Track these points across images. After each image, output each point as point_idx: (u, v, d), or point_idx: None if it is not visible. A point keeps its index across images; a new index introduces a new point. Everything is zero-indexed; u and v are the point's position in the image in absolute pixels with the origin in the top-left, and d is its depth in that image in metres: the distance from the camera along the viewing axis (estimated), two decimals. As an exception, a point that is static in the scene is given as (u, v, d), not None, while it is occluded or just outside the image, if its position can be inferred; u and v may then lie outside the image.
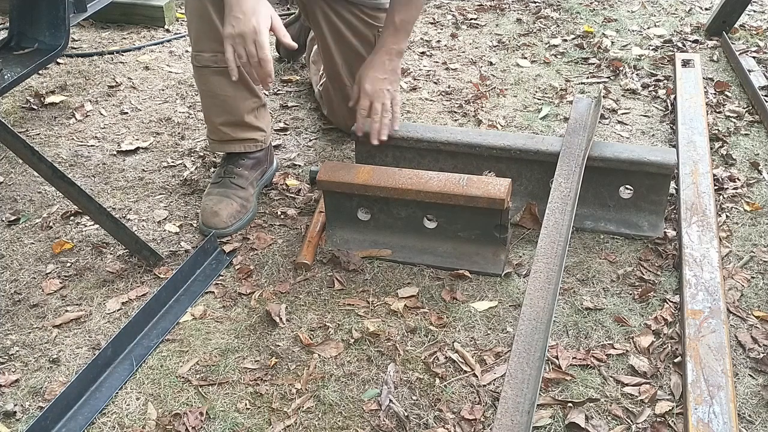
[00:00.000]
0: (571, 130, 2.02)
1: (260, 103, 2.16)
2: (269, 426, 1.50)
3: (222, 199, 2.08)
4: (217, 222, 2.04)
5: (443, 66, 3.03)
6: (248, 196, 2.13)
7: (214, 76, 2.06)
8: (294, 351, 1.68)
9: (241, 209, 2.09)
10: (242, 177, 2.14)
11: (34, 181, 2.31)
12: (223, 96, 2.08)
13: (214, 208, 2.06)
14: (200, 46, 2.04)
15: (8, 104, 2.76)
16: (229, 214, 2.06)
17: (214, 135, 2.17)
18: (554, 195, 1.82)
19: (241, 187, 2.12)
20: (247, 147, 2.16)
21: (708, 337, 1.59)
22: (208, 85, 2.09)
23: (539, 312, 1.53)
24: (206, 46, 2.02)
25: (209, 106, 2.13)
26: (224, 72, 1.93)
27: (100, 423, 1.52)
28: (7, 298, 1.85)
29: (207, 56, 2.03)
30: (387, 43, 2.07)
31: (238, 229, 2.07)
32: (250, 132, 2.15)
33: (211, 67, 2.04)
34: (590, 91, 2.80)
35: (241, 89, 2.08)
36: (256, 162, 2.19)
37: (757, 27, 3.29)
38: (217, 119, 2.13)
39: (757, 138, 2.45)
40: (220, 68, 1.98)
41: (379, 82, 2.05)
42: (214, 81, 2.07)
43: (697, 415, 1.43)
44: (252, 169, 2.18)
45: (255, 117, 2.15)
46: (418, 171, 1.92)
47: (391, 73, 2.07)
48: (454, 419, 1.50)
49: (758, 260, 1.91)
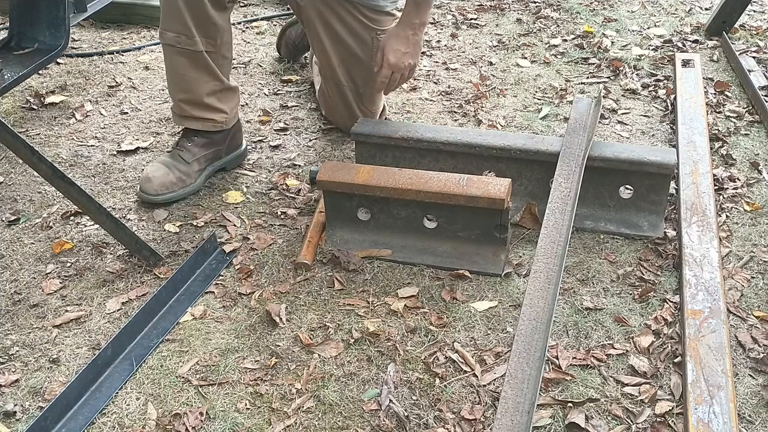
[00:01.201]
0: (571, 130, 2.02)
1: (223, 86, 2.21)
2: (269, 426, 1.50)
3: (161, 167, 2.16)
4: (147, 188, 2.14)
5: (443, 66, 3.03)
6: (190, 171, 2.19)
7: (176, 56, 2.13)
8: (294, 351, 1.68)
9: (178, 182, 2.16)
10: (189, 152, 2.22)
11: (34, 181, 2.31)
12: (183, 75, 2.15)
13: (150, 174, 2.15)
14: (166, 25, 2.10)
15: (8, 104, 2.76)
16: (161, 183, 2.14)
17: (175, 108, 2.24)
18: (554, 195, 1.82)
19: (185, 161, 2.19)
20: (204, 126, 2.22)
21: (708, 337, 1.59)
22: (171, 63, 2.17)
23: (539, 312, 1.53)
24: (171, 26, 2.09)
25: (171, 81, 2.20)
26: (186, 53, 2.08)
27: (100, 423, 1.52)
28: (7, 298, 1.85)
29: (171, 35, 2.10)
30: (410, 17, 2.12)
31: (169, 200, 2.16)
32: (209, 112, 2.21)
33: (175, 47, 2.11)
34: (590, 91, 2.80)
35: (201, 72, 2.14)
36: (209, 141, 2.25)
37: (757, 27, 3.29)
38: (177, 95, 2.20)
39: (757, 138, 2.45)
40: (182, 49, 2.09)
41: (402, 56, 2.14)
42: (176, 60, 2.14)
43: (697, 415, 1.43)
44: (203, 147, 2.24)
45: (217, 99, 2.20)
46: (418, 171, 1.92)
47: (414, 46, 2.15)
48: (454, 419, 1.50)
49: (758, 260, 1.91)
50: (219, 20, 2.10)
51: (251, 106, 2.76)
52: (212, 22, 2.09)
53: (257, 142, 2.52)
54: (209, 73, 2.16)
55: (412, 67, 2.18)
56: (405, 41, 2.13)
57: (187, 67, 2.13)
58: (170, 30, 2.09)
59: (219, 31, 2.12)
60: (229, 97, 2.24)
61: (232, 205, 2.19)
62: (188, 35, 2.08)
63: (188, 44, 2.09)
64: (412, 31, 2.12)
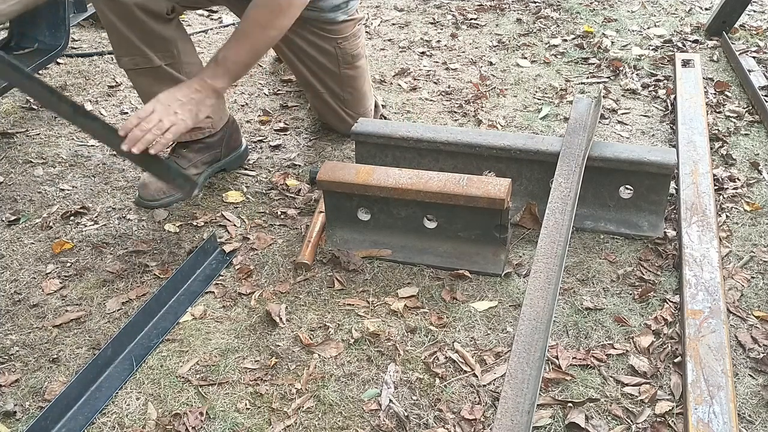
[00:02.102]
0: (571, 130, 2.02)
1: None
2: (269, 426, 1.50)
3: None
4: (144, 194, 2.18)
5: (443, 66, 3.03)
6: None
7: (139, 78, 2.13)
8: (294, 351, 1.68)
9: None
10: (185, 158, 2.23)
11: (34, 181, 2.31)
12: (151, 93, 2.03)
13: (146, 180, 2.18)
14: (119, 52, 2.09)
15: (8, 104, 2.76)
16: (157, 189, 2.17)
17: None
18: (554, 195, 1.82)
19: (181, 167, 2.19)
20: (192, 135, 2.21)
21: (708, 337, 1.59)
22: (137, 84, 2.17)
23: (539, 312, 1.53)
24: (123, 52, 2.07)
25: (144, 102, 2.16)
26: (146, 72, 2.08)
27: (100, 423, 1.52)
28: (7, 298, 1.85)
29: (126, 60, 2.09)
30: (204, 73, 1.87)
31: (166, 204, 2.18)
32: None
33: (134, 69, 2.10)
34: (590, 91, 2.80)
35: (165, 84, 2.00)
36: (204, 146, 2.25)
37: (757, 27, 3.29)
38: None
39: (757, 138, 2.45)
40: (142, 69, 2.08)
41: (174, 101, 1.82)
42: (140, 81, 2.14)
43: (697, 415, 1.43)
44: (198, 152, 2.25)
45: None
46: (418, 171, 1.92)
47: (193, 103, 1.83)
48: (454, 419, 1.50)
49: (758, 260, 1.91)
50: (166, 32, 2.06)
51: (251, 106, 2.76)
52: (160, 36, 2.05)
53: (257, 142, 2.52)
54: (176, 84, 2.06)
55: (177, 122, 1.80)
56: (186, 91, 1.84)
57: (153, 84, 2.07)
58: (124, 55, 2.08)
59: (171, 42, 2.08)
60: None
61: (232, 205, 2.19)
62: (142, 55, 2.05)
63: (145, 63, 2.07)
64: (198, 86, 1.85)
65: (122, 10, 1.98)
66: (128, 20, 1.99)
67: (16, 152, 2.47)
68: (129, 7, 1.97)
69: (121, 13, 1.98)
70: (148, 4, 1.99)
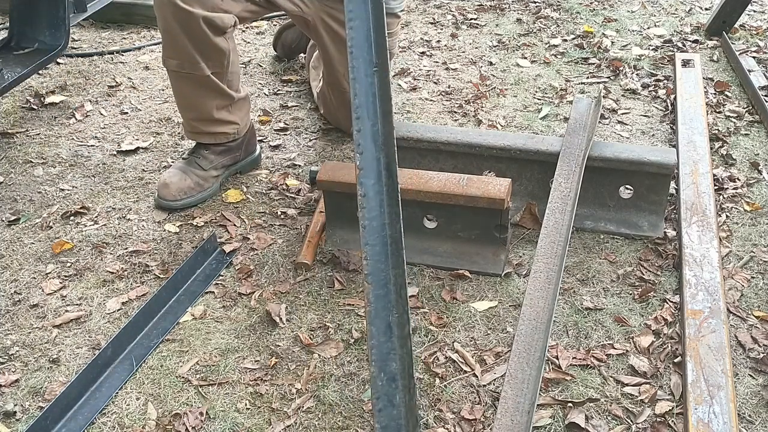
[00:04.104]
0: (571, 130, 2.02)
1: (231, 101, 2.19)
2: (269, 426, 1.50)
3: (178, 173, 2.17)
4: (166, 194, 2.15)
5: (443, 66, 3.03)
6: (207, 176, 2.20)
7: (181, 80, 2.12)
8: (294, 351, 1.68)
9: (196, 187, 2.17)
10: (207, 159, 2.22)
11: (34, 181, 2.31)
12: (190, 97, 2.14)
13: (167, 180, 2.15)
14: (168, 53, 2.09)
15: (8, 104, 2.76)
16: (179, 189, 2.15)
17: (187, 126, 2.24)
18: (554, 195, 1.82)
19: (203, 168, 2.20)
20: (217, 139, 2.23)
21: (708, 337, 1.59)
22: (177, 86, 2.17)
23: (539, 312, 1.53)
24: (173, 54, 2.07)
25: (179, 102, 2.21)
26: (189, 77, 2.07)
27: (100, 423, 1.52)
28: (7, 298, 1.85)
29: (174, 62, 2.08)
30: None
31: (186, 205, 2.16)
32: (220, 126, 2.21)
33: (179, 72, 2.10)
34: (590, 91, 2.80)
35: (209, 92, 2.13)
36: (226, 149, 2.26)
37: (757, 27, 3.29)
38: (186, 114, 2.21)
39: (757, 138, 2.45)
40: (186, 73, 2.08)
41: None
42: (181, 84, 2.14)
43: (697, 415, 1.43)
44: (220, 155, 2.25)
45: (227, 112, 2.20)
46: (418, 171, 1.92)
47: None
48: (454, 419, 1.50)
49: (758, 260, 1.91)
50: (222, 44, 2.06)
51: (251, 106, 2.76)
52: (216, 48, 2.05)
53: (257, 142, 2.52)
54: (217, 92, 2.14)
55: None
56: None
57: (194, 89, 2.11)
58: (172, 57, 2.06)
59: (224, 53, 2.08)
60: (240, 106, 2.23)
61: (232, 205, 2.19)
62: (191, 61, 2.04)
63: (192, 69, 2.06)
64: None
65: (187, 19, 1.96)
66: (190, 30, 1.99)
67: (16, 152, 2.47)
68: (195, 19, 1.96)
69: (185, 22, 1.97)
70: (215, 20, 1.99)
